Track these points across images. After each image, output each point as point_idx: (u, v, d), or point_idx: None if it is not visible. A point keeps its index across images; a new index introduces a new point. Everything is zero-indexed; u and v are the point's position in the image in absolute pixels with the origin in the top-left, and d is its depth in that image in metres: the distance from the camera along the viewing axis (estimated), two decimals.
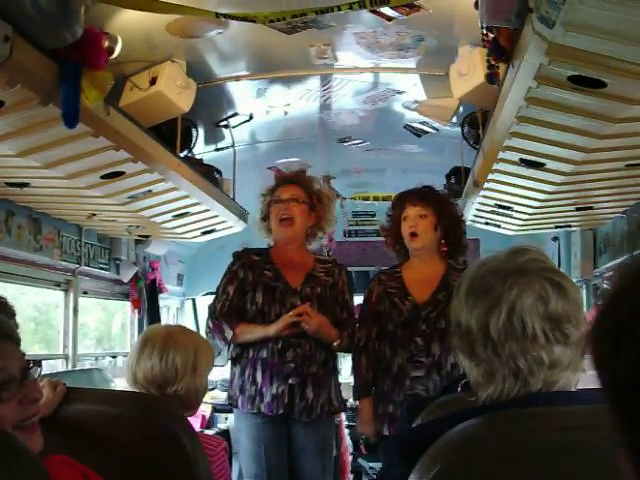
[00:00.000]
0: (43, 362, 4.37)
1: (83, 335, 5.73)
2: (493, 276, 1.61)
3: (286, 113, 4.73)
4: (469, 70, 3.60)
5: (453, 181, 5.32)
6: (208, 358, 2.78)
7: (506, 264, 1.62)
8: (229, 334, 3.85)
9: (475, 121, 4.26)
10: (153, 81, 3.63)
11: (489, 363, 1.61)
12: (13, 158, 3.13)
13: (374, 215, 6.99)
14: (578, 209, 4.42)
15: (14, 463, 1.51)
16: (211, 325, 3.93)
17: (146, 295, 6.01)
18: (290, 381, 3.83)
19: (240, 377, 3.94)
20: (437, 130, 4.98)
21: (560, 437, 1.50)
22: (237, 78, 4.12)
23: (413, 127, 4.98)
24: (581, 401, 1.64)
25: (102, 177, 3.54)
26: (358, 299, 4.49)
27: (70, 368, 4.94)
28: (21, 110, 2.68)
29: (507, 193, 4.19)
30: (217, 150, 5.19)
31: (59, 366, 4.92)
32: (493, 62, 3.08)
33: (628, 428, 0.65)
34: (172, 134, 4.12)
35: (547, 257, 1.70)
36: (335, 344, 3.93)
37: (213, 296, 4.09)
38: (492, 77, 3.13)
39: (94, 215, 4.42)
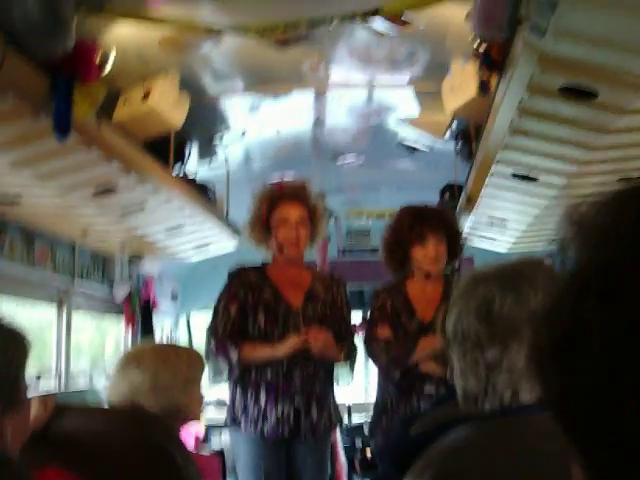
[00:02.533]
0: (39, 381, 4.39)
1: (76, 357, 5.68)
2: (479, 280, 1.61)
3: (279, 131, 4.74)
4: (461, 84, 3.61)
5: (447, 198, 5.31)
6: (201, 369, 2.77)
7: (495, 268, 1.62)
8: (234, 356, 3.80)
9: (468, 136, 4.26)
10: (146, 95, 3.63)
11: (457, 362, 1.63)
12: (6, 170, 3.12)
13: (368, 234, 6.98)
14: None
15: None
16: (214, 346, 3.86)
17: (140, 312, 5.98)
18: (296, 403, 3.81)
19: (242, 398, 3.89)
20: (431, 147, 4.98)
21: (554, 444, 1.49)
22: (230, 93, 4.12)
23: (407, 144, 4.98)
24: None
25: (95, 191, 3.53)
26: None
27: (63, 386, 4.90)
28: (13, 121, 2.68)
29: (501, 208, 4.18)
30: (210, 168, 5.19)
31: (52, 384, 4.88)
32: (485, 74, 3.09)
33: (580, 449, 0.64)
34: (165, 150, 4.11)
35: (544, 267, 1.66)
36: (339, 357, 3.94)
37: (209, 310, 4.05)
38: (484, 86, 3.14)
39: (87, 231, 4.41)
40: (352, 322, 4.20)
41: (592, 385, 0.59)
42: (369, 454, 6.23)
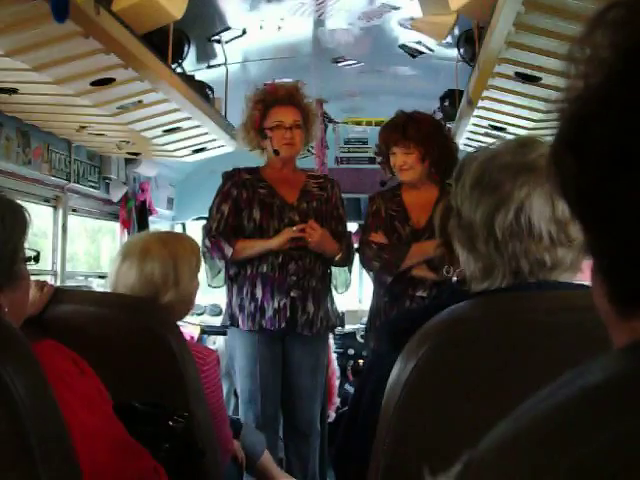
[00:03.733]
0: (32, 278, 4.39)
1: (72, 268, 5.66)
2: (503, 172, 1.59)
3: (280, 28, 4.65)
4: None
5: (447, 104, 5.27)
6: (191, 265, 2.76)
7: (517, 159, 1.60)
8: (229, 251, 3.86)
9: (471, 38, 4.20)
10: None
11: (489, 259, 1.61)
12: (1, 59, 3.06)
13: (366, 142, 6.94)
14: None
15: (2, 341, 1.51)
16: (209, 244, 3.93)
17: (136, 216, 5.97)
18: (292, 294, 3.87)
19: (239, 295, 3.96)
20: (432, 51, 4.91)
21: (551, 317, 1.50)
22: None
23: (408, 47, 4.91)
24: (572, 289, 1.64)
25: (92, 84, 3.48)
26: (350, 226, 4.48)
27: (59, 284, 4.92)
28: (9, 4, 2.60)
29: (501, 112, 4.14)
30: (209, 67, 5.11)
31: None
32: None
33: (594, 240, 0.66)
34: (163, 45, 4.04)
35: None
36: (337, 257, 3.99)
37: (205, 219, 4.11)
38: None
39: (84, 128, 4.36)
40: (348, 228, 4.24)
41: (607, 163, 0.60)
42: (361, 361, 6.30)
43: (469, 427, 1.41)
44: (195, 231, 6.78)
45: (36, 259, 2.06)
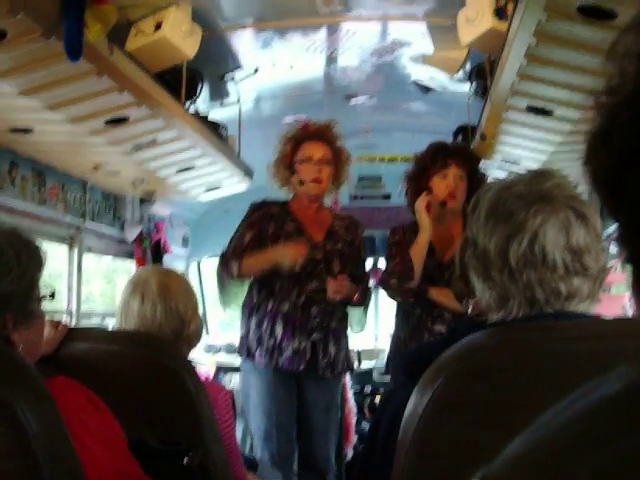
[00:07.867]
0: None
1: (89, 308, 5.67)
2: (517, 201, 1.59)
3: (292, 66, 4.67)
4: (477, 15, 3.53)
5: (460, 139, 5.26)
6: (194, 294, 2.84)
7: (531, 189, 1.61)
8: (235, 268, 3.81)
9: (483, 72, 4.20)
10: (158, 26, 3.58)
11: (504, 288, 1.60)
12: (16, 98, 3.09)
13: (380, 179, 6.95)
14: None
15: (16, 378, 1.50)
16: (219, 270, 3.91)
17: (151, 255, 5.97)
18: (313, 337, 3.85)
19: (257, 329, 3.93)
20: (444, 87, 4.92)
21: (567, 346, 1.49)
22: (243, 26, 4.06)
23: (420, 83, 4.92)
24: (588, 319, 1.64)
25: (106, 122, 3.51)
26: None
27: (74, 324, 4.92)
28: (24, 43, 2.63)
29: (514, 145, 4.14)
30: (222, 106, 5.14)
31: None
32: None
33: (627, 230, 0.65)
34: (177, 84, 4.07)
35: (570, 182, 1.67)
36: (355, 298, 3.96)
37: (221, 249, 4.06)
38: (501, 12, 3.09)
39: (98, 167, 4.38)
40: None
41: (635, 147, 0.60)
42: (378, 399, 6.26)
43: (487, 457, 1.39)
44: (210, 269, 6.78)
45: (52, 296, 2.05)
